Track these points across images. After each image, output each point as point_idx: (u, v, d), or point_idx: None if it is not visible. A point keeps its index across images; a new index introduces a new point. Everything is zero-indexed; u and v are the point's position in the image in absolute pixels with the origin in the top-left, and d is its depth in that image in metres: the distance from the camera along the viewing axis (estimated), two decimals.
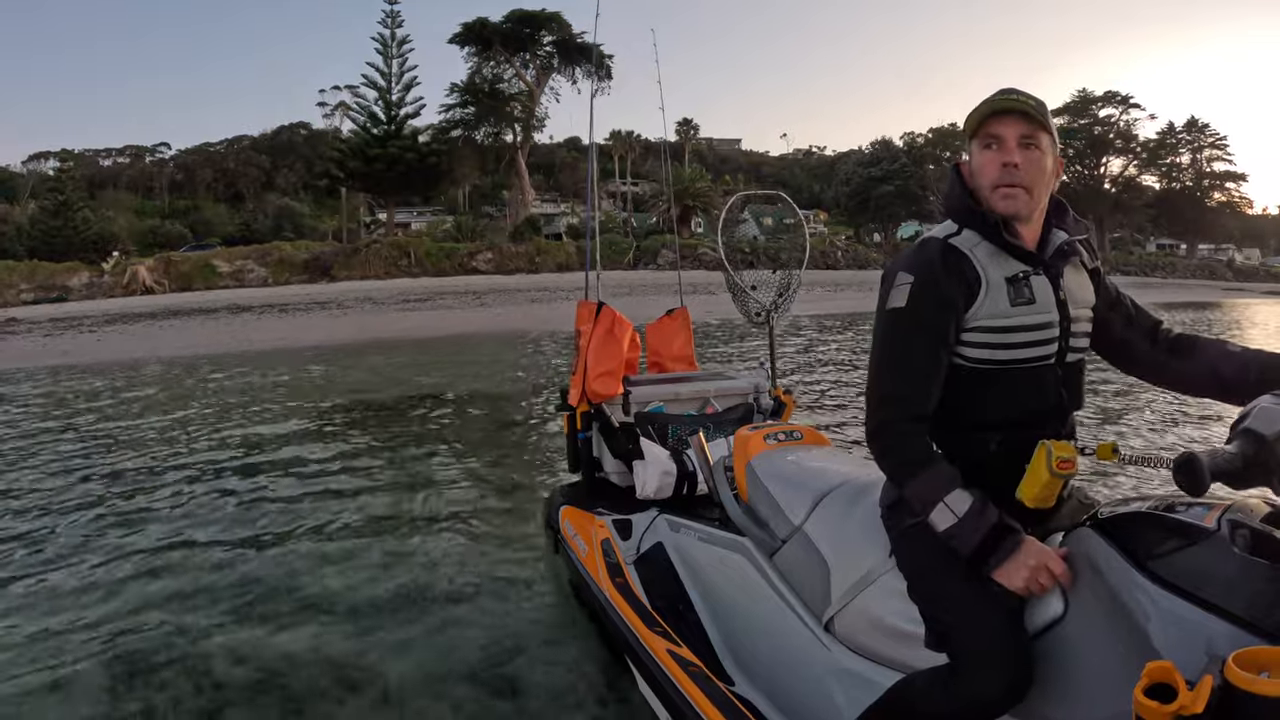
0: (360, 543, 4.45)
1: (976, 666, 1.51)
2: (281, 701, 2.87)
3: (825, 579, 1.96)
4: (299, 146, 73.34)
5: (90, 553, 4.45)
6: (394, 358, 14.41)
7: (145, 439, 7.66)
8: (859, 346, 13.89)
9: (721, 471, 2.45)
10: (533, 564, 3.97)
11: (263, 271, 43.27)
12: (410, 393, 9.97)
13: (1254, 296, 40.42)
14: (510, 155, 55.91)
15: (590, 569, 2.95)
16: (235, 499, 5.39)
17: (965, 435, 1.70)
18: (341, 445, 7.08)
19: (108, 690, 3.00)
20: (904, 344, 1.68)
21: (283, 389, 10.83)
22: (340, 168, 50.86)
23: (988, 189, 1.68)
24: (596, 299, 3.68)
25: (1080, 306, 1.76)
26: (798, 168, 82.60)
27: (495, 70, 55.09)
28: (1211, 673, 1.12)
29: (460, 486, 5.58)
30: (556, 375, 11.67)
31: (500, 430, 7.78)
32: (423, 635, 3.33)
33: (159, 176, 70.09)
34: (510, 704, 2.81)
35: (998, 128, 1.67)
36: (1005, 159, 1.66)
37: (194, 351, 16.40)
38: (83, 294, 39.30)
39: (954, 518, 1.54)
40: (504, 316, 23.77)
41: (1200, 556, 1.30)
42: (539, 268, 45.36)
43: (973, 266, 1.67)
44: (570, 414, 3.58)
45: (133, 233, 54.31)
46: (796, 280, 3.97)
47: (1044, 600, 1.52)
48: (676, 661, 2.24)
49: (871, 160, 62.04)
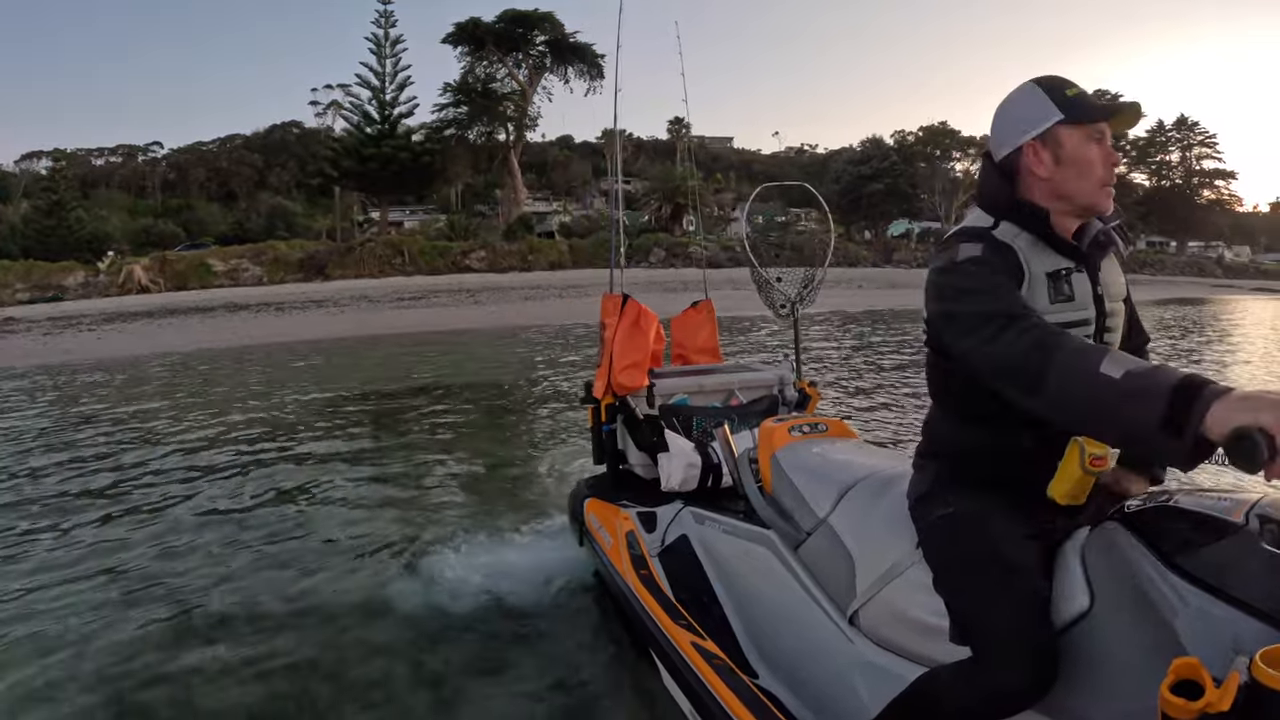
0: (374, 530, 4.55)
1: (1000, 660, 1.49)
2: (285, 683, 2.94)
3: (850, 572, 1.95)
4: (292, 145, 72.99)
5: (122, 526, 4.78)
6: (396, 352, 14.74)
7: (158, 430, 7.84)
8: (863, 343, 14.14)
9: (746, 464, 2.45)
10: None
11: (258, 270, 43.28)
12: (416, 384, 10.35)
13: (1243, 293, 40.86)
14: (503, 154, 56.05)
15: (615, 561, 2.95)
16: (261, 483, 5.67)
17: (997, 429, 1.67)
18: (356, 431, 7.49)
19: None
20: (989, 279, 1.58)
21: (295, 380, 11.23)
22: (334, 167, 50.85)
23: (1095, 185, 1.64)
24: (621, 292, 3.69)
25: (1115, 300, 1.74)
26: (789, 166, 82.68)
27: (488, 70, 55.31)
28: (1238, 670, 1.11)
29: (464, 462, 6.04)
30: (552, 366, 12.23)
31: (503, 415, 8.38)
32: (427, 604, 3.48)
33: (152, 176, 69.80)
34: (531, 694, 2.81)
35: (1112, 125, 1.65)
36: (1114, 159, 1.65)
37: (197, 348, 16.52)
38: (78, 293, 39.26)
39: (1131, 361, 1.30)
40: (499, 314, 23.99)
41: (1228, 551, 1.28)
42: (532, 266, 45.56)
43: (1016, 257, 1.63)
44: (595, 406, 3.59)
45: (126, 232, 54.03)
46: (821, 273, 3.98)
47: (1070, 594, 1.50)
48: (700, 654, 2.24)
49: (862, 159, 62.07)
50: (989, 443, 1.68)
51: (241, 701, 2.82)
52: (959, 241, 1.66)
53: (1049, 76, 1.68)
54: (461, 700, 2.79)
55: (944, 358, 1.71)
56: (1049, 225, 1.65)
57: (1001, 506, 1.66)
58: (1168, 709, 1.12)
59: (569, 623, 3.29)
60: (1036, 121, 1.65)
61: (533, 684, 2.86)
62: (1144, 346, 1.91)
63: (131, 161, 73.33)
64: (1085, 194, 1.64)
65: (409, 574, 3.87)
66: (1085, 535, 1.55)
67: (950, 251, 1.65)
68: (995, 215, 1.69)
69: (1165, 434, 1.18)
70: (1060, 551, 1.57)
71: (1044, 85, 1.67)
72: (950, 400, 1.81)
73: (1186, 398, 1.17)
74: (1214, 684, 1.11)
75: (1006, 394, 1.47)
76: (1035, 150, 1.65)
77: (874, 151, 62.49)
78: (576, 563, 3.65)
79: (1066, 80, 1.67)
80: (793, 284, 3.96)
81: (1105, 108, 1.64)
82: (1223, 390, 1.16)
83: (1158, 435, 1.19)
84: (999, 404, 1.52)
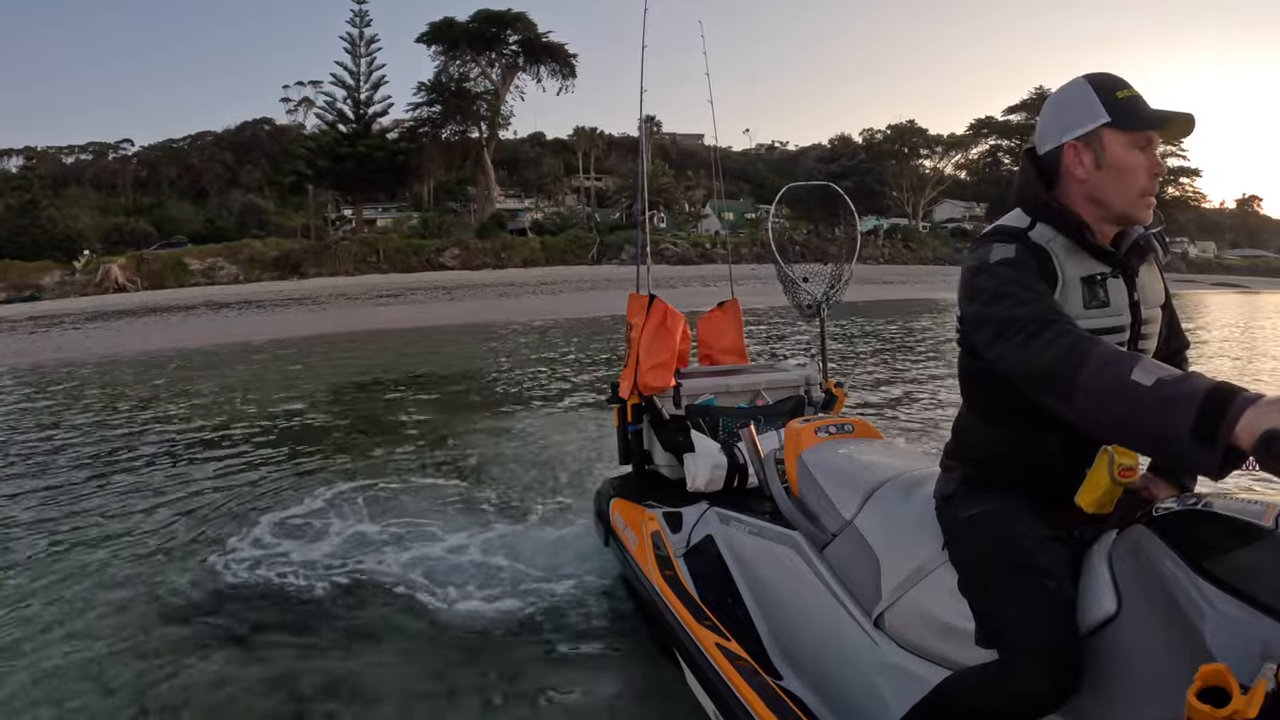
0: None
1: (1025, 662, 1.46)
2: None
3: (876, 574, 1.93)
4: (263, 143, 72.33)
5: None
6: (383, 346, 15.47)
7: (174, 415, 8.39)
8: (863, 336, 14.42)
9: (772, 464, 2.42)
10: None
11: (234, 269, 43.75)
12: (405, 375, 11.12)
13: (1203, 288, 42.09)
14: (476, 153, 56.62)
15: (640, 561, 2.93)
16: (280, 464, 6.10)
17: (1025, 433, 1.65)
18: (357, 414, 8.21)
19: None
20: (1022, 283, 1.56)
21: (290, 374, 11.85)
22: (310, 166, 51.32)
23: (1134, 194, 1.60)
24: (648, 291, 3.64)
25: (1151, 306, 1.70)
26: (760, 163, 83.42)
27: (462, 69, 56.10)
28: (1266, 677, 1.10)
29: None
30: (532, 356, 13.19)
31: (492, 400, 9.02)
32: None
33: (122, 173, 68.67)
34: (555, 695, 2.80)
35: (1158, 133, 1.59)
36: (1158, 169, 1.59)
37: (181, 345, 16.81)
38: (55, 292, 39.51)
39: (1162, 369, 1.30)
40: (476, 310, 24.57)
41: (1257, 556, 1.26)
42: (505, 263, 46.26)
43: (1050, 261, 1.60)
44: (621, 407, 3.56)
45: (98, 230, 53.79)
46: (848, 272, 3.91)
47: (1096, 598, 1.48)
48: (724, 655, 2.22)
49: (831, 156, 62.98)
50: (1017, 444, 1.68)
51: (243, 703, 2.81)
52: (993, 241, 1.63)
53: (1103, 74, 1.63)
54: (484, 704, 2.78)
55: (975, 358, 1.69)
56: (1084, 231, 1.61)
57: (1028, 509, 1.65)
58: (1194, 715, 1.11)
59: (593, 622, 3.28)
60: (1082, 121, 1.61)
61: (556, 684, 2.85)
62: (1183, 351, 1.87)
63: (102, 159, 71.77)
64: (1123, 202, 1.60)
65: (423, 572, 3.83)
66: (1113, 539, 1.53)
67: (983, 251, 1.62)
68: (1032, 216, 1.65)
69: (1196, 442, 1.18)
70: (1087, 555, 1.56)
71: (1094, 83, 1.61)
72: (979, 400, 1.80)
73: (1218, 405, 1.17)
74: (1241, 691, 1.09)
75: (1038, 399, 1.46)
76: (1077, 150, 1.61)
77: (843, 149, 63.49)
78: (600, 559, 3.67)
79: (1120, 81, 1.61)
80: (819, 283, 3.92)
81: (1155, 116, 1.58)
82: (1254, 397, 1.16)
83: (1189, 443, 1.19)
84: (1028, 406, 1.50)
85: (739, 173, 72.12)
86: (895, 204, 62.79)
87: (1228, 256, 67.84)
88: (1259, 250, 75.98)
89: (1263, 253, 74.25)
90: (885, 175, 60.97)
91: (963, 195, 70.69)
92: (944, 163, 67.63)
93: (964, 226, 65.22)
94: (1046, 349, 1.42)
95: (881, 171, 60.79)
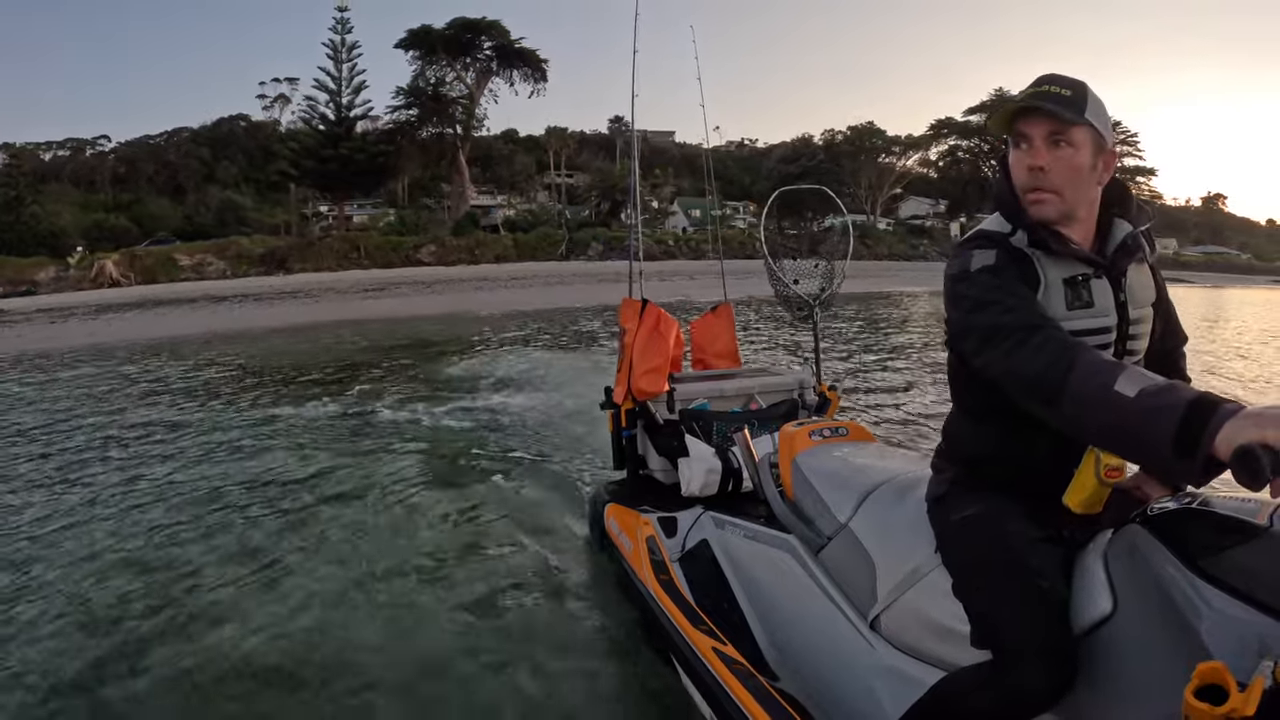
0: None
1: (1019, 662, 1.45)
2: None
3: (871, 576, 1.92)
4: (240, 138, 72.90)
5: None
6: (388, 329, 17.55)
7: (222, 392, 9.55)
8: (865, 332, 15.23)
9: (767, 468, 2.40)
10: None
11: (221, 265, 44.76)
12: (419, 339, 14.63)
13: None
14: (452, 153, 58.44)
15: (635, 566, 2.90)
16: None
17: (1013, 433, 1.61)
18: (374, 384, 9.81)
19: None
20: (1004, 289, 1.54)
21: (327, 345, 14.64)
22: (295, 166, 52.84)
23: (1020, 192, 1.58)
24: (641, 296, 3.58)
25: (1141, 306, 1.66)
26: (729, 160, 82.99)
27: (438, 74, 58.07)
28: (1263, 674, 1.09)
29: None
30: (509, 334, 15.67)
31: (490, 345, 12.60)
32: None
33: (101, 169, 69.61)
34: (551, 699, 2.75)
35: (1025, 126, 1.55)
36: (1032, 162, 1.55)
37: (208, 329, 18.77)
38: (51, 287, 40.04)
39: (1146, 378, 1.28)
40: (456, 301, 26.46)
41: (1253, 554, 1.25)
42: (479, 259, 47.68)
43: (1032, 265, 1.57)
44: (615, 411, 3.50)
45: (78, 227, 53.59)
46: (841, 272, 3.83)
47: (1092, 597, 1.46)
48: (720, 658, 2.19)
49: (791, 157, 64.25)
50: (1005, 444, 1.66)
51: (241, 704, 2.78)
52: (974, 247, 1.61)
53: (1039, 77, 1.58)
54: (481, 706, 2.73)
55: (963, 363, 1.68)
56: (1054, 236, 1.57)
57: (1019, 509, 1.63)
58: (1191, 714, 1.10)
59: (588, 625, 3.22)
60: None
61: (552, 688, 2.80)
62: (1180, 348, 1.82)
63: (80, 155, 72.93)
64: (1022, 201, 1.59)
65: (426, 571, 3.81)
66: (1108, 538, 1.51)
67: (965, 258, 1.60)
68: (1011, 223, 1.62)
69: (1176, 453, 1.19)
70: (1082, 554, 1.54)
71: (1014, 97, 1.59)
72: (968, 400, 1.78)
73: (1199, 417, 1.17)
74: (1238, 688, 1.09)
75: (1025, 405, 1.46)
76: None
77: (803, 149, 64.77)
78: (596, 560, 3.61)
79: (1038, 79, 1.57)
80: (811, 283, 3.84)
81: (1005, 110, 1.58)
82: (1235, 409, 1.16)
83: (1169, 454, 1.20)
84: (1016, 406, 1.50)
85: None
86: (855, 201, 65.03)
87: (1187, 253, 69.15)
88: (1220, 247, 78.15)
89: (1224, 249, 76.26)
90: (844, 175, 61.75)
91: (929, 192, 70.75)
92: (904, 161, 68.42)
93: (924, 224, 66.24)
94: (1033, 357, 1.42)
95: (840, 172, 61.66)
